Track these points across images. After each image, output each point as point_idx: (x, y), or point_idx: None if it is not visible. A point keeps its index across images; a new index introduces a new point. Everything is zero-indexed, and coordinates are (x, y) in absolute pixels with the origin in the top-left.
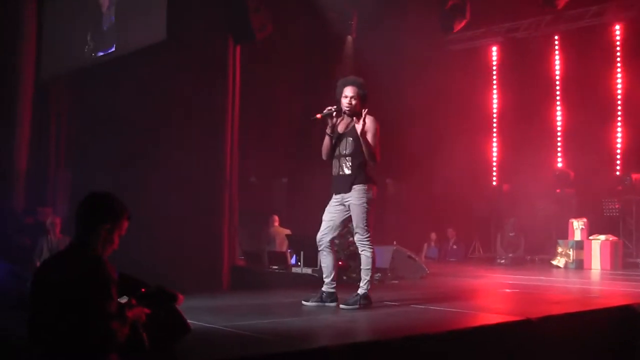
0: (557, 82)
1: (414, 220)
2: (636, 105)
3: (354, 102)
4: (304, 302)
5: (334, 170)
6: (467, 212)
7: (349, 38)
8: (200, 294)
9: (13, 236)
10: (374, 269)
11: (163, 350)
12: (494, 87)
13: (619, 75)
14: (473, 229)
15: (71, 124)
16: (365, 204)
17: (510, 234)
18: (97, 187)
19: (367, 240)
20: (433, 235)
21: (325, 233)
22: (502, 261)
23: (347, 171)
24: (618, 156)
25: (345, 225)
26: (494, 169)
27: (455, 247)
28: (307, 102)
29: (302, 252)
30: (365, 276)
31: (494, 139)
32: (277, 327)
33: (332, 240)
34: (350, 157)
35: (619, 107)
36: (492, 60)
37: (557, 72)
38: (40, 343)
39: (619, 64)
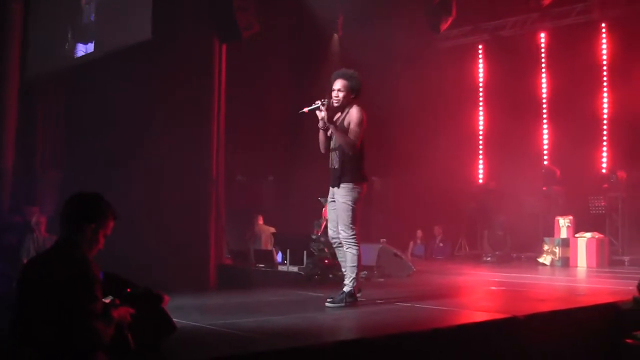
0: (544, 79)
1: (400, 218)
2: (622, 103)
3: (340, 94)
4: (327, 305)
5: (329, 164)
6: (454, 209)
7: (335, 36)
8: (187, 293)
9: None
10: (360, 266)
11: (149, 350)
12: (480, 85)
13: (605, 72)
14: (459, 227)
15: (58, 122)
16: (349, 202)
17: (499, 233)
18: (84, 185)
19: (352, 238)
20: (419, 233)
21: (334, 229)
22: (489, 259)
23: (336, 165)
24: (604, 154)
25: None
26: (481, 166)
27: (441, 244)
28: (294, 100)
29: (288, 251)
30: (350, 274)
31: (480, 137)
32: (263, 326)
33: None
34: (337, 152)
35: (605, 105)
36: (479, 58)
37: (544, 69)
38: (26, 342)
39: (604, 62)
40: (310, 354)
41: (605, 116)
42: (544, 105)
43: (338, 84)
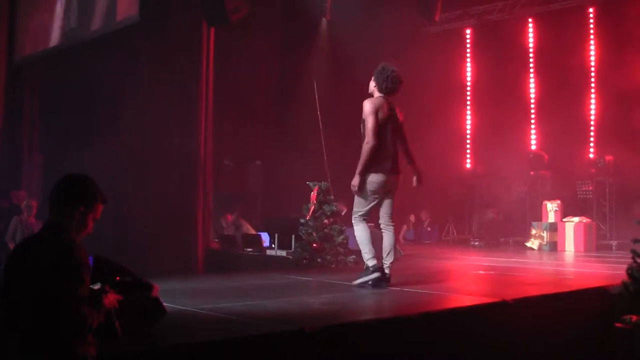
0: (531, 64)
1: None
2: (610, 88)
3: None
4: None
5: None
6: (442, 194)
7: (324, 20)
8: (176, 277)
9: None
10: (368, 245)
11: (140, 334)
12: (468, 69)
13: (592, 57)
14: (447, 211)
15: (44, 107)
16: (354, 189)
17: (488, 217)
18: (70, 169)
19: (355, 219)
20: (412, 217)
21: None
22: (477, 243)
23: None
24: (592, 138)
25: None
26: (468, 151)
27: (429, 229)
28: (282, 84)
29: (276, 235)
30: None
31: (468, 121)
32: (252, 310)
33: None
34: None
35: (593, 90)
36: (467, 42)
37: (531, 54)
38: (11, 328)
39: (592, 47)
40: (300, 338)
41: (593, 102)
42: (532, 90)
43: None
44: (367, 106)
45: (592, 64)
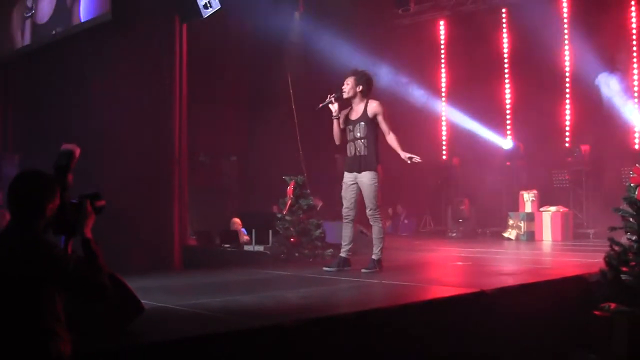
0: (505, 55)
1: None
2: (584, 77)
3: (347, 87)
4: (325, 269)
5: (350, 152)
6: (418, 186)
7: (296, 13)
8: (152, 274)
9: None
10: (385, 238)
11: (117, 331)
12: (442, 61)
13: (566, 47)
14: (423, 203)
15: (18, 105)
16: (375, 184)
17: (463, 208)
18: (48, 167)
19: (378, 214)
20: (390, 211)
21: (351, 208)
22: (454, 234)
23: (364, 152)
24: (567, 128)
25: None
26: (444, 142)
27: (406, 221)
28: (256, 79)
29: (253, 230)
30: (378, 244)
31: (443, 113)
32: (230, 305)
33: (356, 214)
34: (365, 140)
35: (567, 79)
36: (440, 34)
37: (505, 45)
38: None
39: (566, 36)
40: (278, 333)
41: (568, 91)
42: (507, 80)
43: (347, 79)
44: (379, 105)
45: (567, 54)
